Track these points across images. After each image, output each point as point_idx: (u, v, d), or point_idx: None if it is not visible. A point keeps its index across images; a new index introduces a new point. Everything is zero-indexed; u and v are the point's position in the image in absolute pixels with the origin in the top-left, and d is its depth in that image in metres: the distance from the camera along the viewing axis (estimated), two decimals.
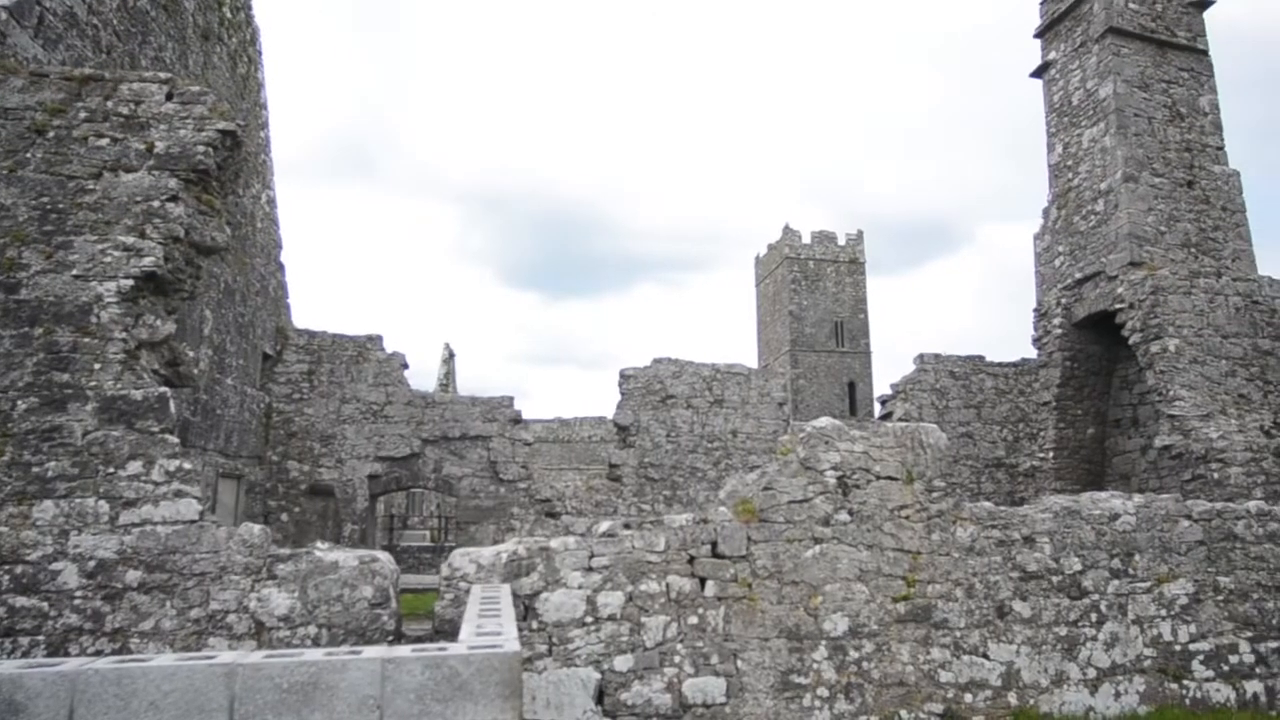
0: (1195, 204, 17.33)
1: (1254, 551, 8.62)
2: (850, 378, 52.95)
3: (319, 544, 7.22)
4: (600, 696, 6.73)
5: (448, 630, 6.41)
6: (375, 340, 16.79)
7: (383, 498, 21.85)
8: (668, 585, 7.02)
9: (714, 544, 7.19)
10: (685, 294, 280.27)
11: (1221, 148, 18.04)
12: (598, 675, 6.74)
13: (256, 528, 6.72)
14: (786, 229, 55.21)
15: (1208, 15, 18.86)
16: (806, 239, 55.39)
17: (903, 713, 7.29)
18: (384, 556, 6.99)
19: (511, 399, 16.72)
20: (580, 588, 6.88)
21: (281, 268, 17.13)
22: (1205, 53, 18.54)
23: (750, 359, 58.73)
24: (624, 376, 17.52)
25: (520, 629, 6.68)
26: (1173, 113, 17.84)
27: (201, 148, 7.43)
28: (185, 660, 3.88)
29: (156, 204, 7.19)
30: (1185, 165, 17.53)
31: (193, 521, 6.54)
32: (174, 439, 6.79)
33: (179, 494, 6.57)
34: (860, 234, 56.23)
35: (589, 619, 6.84)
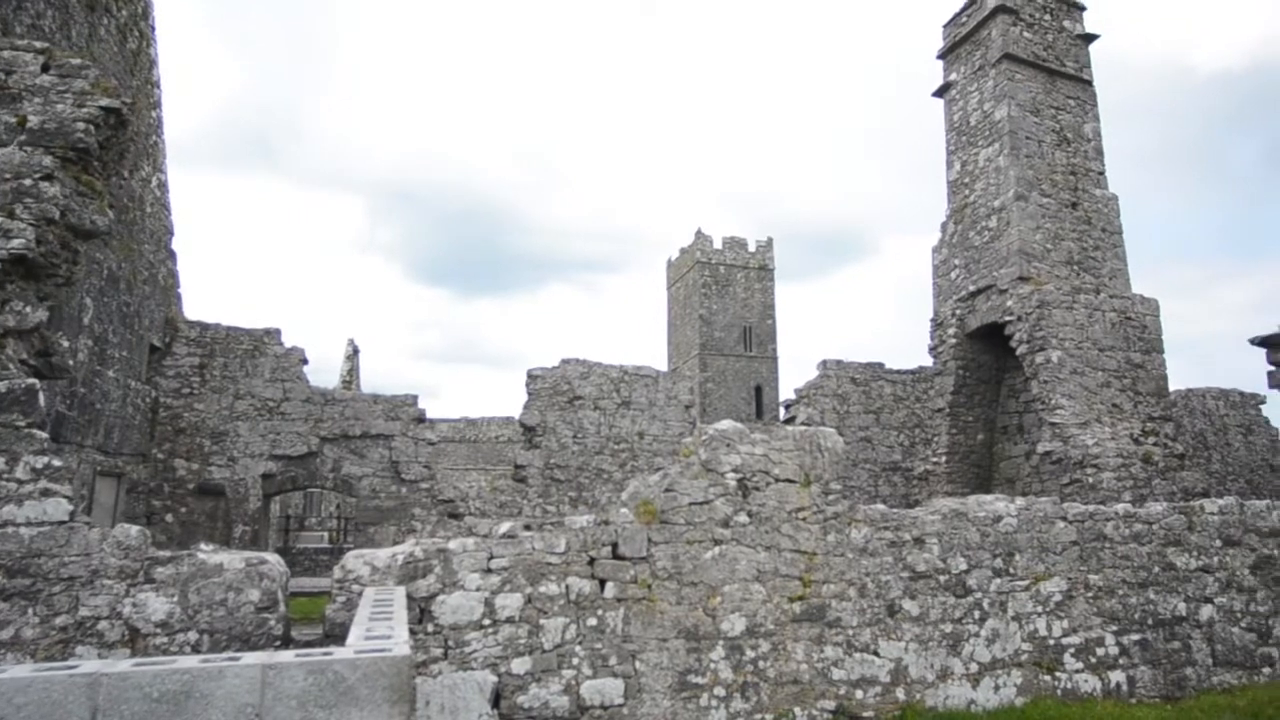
0: (1078, 224, 18.39)
1: (1120, 551, 9.18)
2: (757, 382, 54.00)
3: (202, 545, 6.88)
4: (497, 700, 6.64)
5: (339, 634, 6.21)
6: (273, 334, 16.16)
7: (279, 498, 21.04)
8: (567, 587, 6.99)
9: (615, 545, 7.19)
10: (597, 295, 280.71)
11: (1103, 172, 19.22)
12: (494, 678, 6.65)
13: (134, 529, 6.35)
14: (699, 234, 55.92)
15: (1093, 48, 20.08)
16: (718, 244, 56.24)
17: (797, 710, 7.45)
18: (273, 558, 6.72)
19: (415, 397, 16.36)
20: (478, 590, 6.77)
21: (172, 255, 16.28)
22: (1090, 83, 19.72)
23: (660, 362, 59.22)
24: (531, 377, 17.38)
25: (415, 632, 6.53)
26: (1060, 137, 18.90)
27: (81, 125, 6.99)
28: (43, 670, 3.63)
29: (28, 182, 6.72)
30: (1070, 187, 18.60)
31: (62, 522, 6.13)
32: (43, 434, 6.35)
33: (46, 493, 6.15)
34: (770, 241, 57.43)
35: (487, 621, 6.74)
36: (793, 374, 67.42)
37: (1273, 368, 12.29)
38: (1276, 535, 10.04)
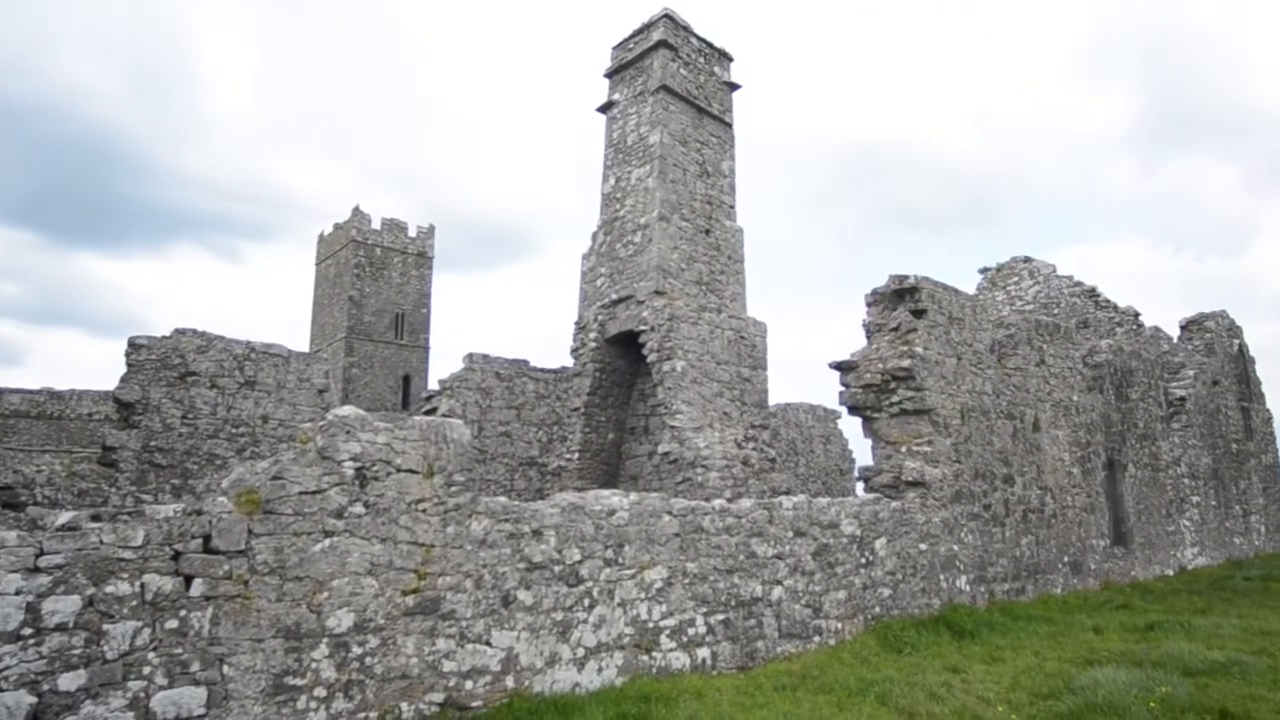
0: (709, 249, 20.51)
1: (714, 541, 10.32)
2: (407, 371, 52.56)
3: None
4: None
5: None
6: None
7: None
8: (143, 585, 6.09)
9: (208, 538, 6.43)
10: (239, 264, 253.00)
11: (734, 206, 21.65)
12: (33, 699, 5.58)
13: None
14: (356, 211, 53.06)
15: (736, 96, 22.57)
16: (376, 224, 53.85)
17: (403, 705, 7.27)
18: None
19: None
20: (19, 593, 5.63)
21: None
22: (730, 125, 22.15)
23: (305, 343, 55.18)
24: (134, 346, 15.05)
25: None
26: (702, 169, 20.94)
27: None
28: None
29: None
30: (706, 216, 20.68)
31: None
32: None
33: None
34: (432, 228, 56.31)
35: (28, 631, 5.63)
36: (444, 365, 66.60)
37: (843, 388, 14.70)
38: (833, 527, 11.99)
